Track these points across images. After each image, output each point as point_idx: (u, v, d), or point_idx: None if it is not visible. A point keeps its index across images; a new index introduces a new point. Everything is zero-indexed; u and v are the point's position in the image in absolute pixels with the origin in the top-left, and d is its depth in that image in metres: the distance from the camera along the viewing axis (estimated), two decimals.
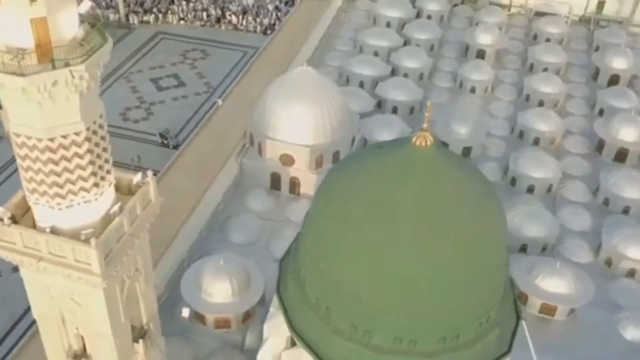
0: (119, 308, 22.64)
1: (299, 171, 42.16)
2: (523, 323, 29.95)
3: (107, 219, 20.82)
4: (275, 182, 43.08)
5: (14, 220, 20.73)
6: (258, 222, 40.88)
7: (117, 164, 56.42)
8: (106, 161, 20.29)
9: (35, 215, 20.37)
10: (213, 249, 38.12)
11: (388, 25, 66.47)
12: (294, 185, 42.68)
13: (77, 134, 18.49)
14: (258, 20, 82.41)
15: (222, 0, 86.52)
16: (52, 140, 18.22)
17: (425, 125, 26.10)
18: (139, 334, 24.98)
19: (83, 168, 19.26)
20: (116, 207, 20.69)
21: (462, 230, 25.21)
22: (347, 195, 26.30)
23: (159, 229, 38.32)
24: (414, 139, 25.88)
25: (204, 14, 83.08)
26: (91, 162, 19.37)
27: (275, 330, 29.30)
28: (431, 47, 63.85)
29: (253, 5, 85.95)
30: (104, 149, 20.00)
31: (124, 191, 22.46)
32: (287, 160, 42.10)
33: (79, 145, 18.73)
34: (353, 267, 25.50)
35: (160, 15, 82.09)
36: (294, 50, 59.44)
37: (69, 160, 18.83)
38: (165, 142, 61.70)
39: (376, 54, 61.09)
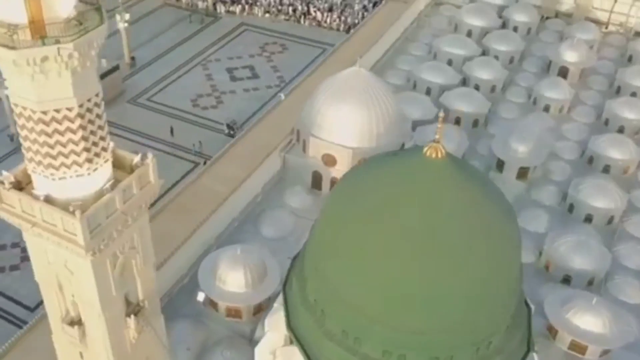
0: (109, 281, 23.84)
1: (340, 172, 42.01)
2: (534, 356, 28.73)
3: (101, 194, 22.00)
4: (316, 181, 43.44)
5: (20, 186, 22.38)
6: (292, 218, 41.41)
7: (178, 148, 59.33)
8: (102, 139, 21.48)
9: (34, 183, 21.89)
10: (242, 239, 39.03)
11: (469, 33, 65.10)
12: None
13: (69, 109, 19.72)
14: (342, 18, 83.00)
15: None
16: (45, 113, 19.55)
17: (437, 137, 25.68)
18: (134, 309, 26.12)
19: (75, 143, 20.50)
20: (108, 184, 21.79)
21: (463, 248, 24.61)
22: (352, 201, 26.32)
23: (195, 212, 40.20)
24: (425, 149, 25.52)
25: (290, 8, 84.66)
26: (84, 138, 20.56)
27: (275, 325, 29.72)
28: (510, 59, 61.92)
29: (340, 3, 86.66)
30: (100, 127, 21.19)
31: (127, 170, 23.62)
32: (329, 161, 42.35)
33: (71, 121, 19.96)
34: (348, 273, 25.51)
35: (246, 7, 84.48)
36: (367, 51, 59.54)
37: (61, 134, 20.11)
38: (231, 132, 63.54)
39: (450, 62, 60.08)
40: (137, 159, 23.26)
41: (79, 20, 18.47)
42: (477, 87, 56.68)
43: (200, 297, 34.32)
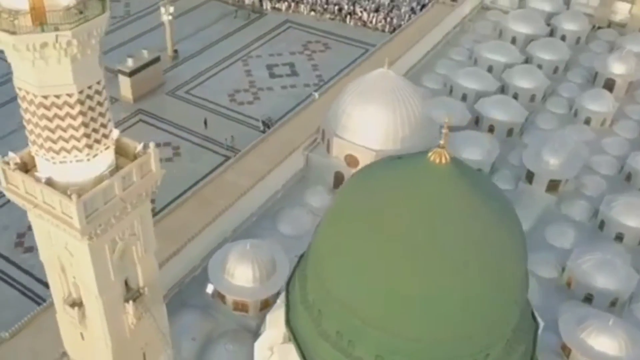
0: (107, 266, 24.56)
1: None
2: None
3: (100, 180, 22.72)
4: (338, 181, 43.51)
5: (26, 167, 23.31)
6: (311, 217, 41.60)
7: (211, 141, 60.08)
8: (102, 126, 22.14)
9: (37, 166, 22.74)
10: (258, 234, 39.54)
11: (513, 40, 63.94)
12: None
13: (69, 95, 20.45)
14: (388, 19, 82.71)
15: None
16: (45, 98, 20.34)
17: (442, 142, 25.50)
18: (133, 295, 26.81)
19: (75, 129, 21.23)
20: (107, 171, 22.46)
21: (462, 256, 24.36)
22: (355, 204, 26.44)
23: (215, 204, 40.78)
24: (429, 154, 25.37)
25: (336, 7, 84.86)
26: (84, 124, 21.27)
27: (275, 322, 30.04)
28: (555, 69, 60.50)
29: (388, 4, 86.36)
30: (101, 114, 21.85)
31: (131, 158, 24.27)
32: (352, 161, 42.38)
33: (71, 107, 20.69)
34: (346, 275, 25.63)
35: (292, 4, 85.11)
36: (404, 53, 59.27)
37: (61, 119, 20.87)
38: (266, 129, 64.14)
39: (490, 68, 59.21)
40: (139, 147, 23.84)
41: (79, 9, 19.13)
42: (515, 96, 55.61)
43: (209, 289, 34.93)
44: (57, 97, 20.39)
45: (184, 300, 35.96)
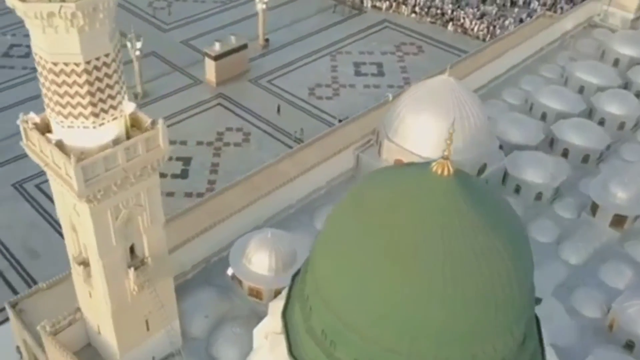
0: (109, 230, 26.41)
1: None
2: None
3: (105, 148, 24.46)
4: None
5: (47, 129, 25.50)
6: None
7: (281, 131, 61.49)
8: (110, 97, 23.83)
9: (52, 127, 24.84)
10: (292, 227, 40.43)
11: (615, 62, 60.65)
12: None
13: (76, 64, 22.26)
14: (491, 28, 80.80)
15: (465, 3, 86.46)
16: (55, 64, 22.31)
17: (446, 152, 25.07)
18: (137, 263, 28.53)
19: (82, 96, 23.07)
20: (110, 141, 24.17)
21: (453, 274, 23.79)
22: (351, 209, 26.54)
23: (262, 190, 41.96)
24: (433, 165, 25.05)
25: (438, 11, 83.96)
26: (90, 93, 23.05)
27: (276, 311, 30.73)
28: None
29: (495, 12, 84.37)
30: (109, 86, 23.54)
31: (143, 132, 25.89)
32: None
33: (78, 75, 22.52)
34: (332, 276, 25.83)
35: (393, 4, 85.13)
36: (489, 62, 58.00)
37: (69, 86, 22.76)
38: None
39: (581, 89, 56.57)
40: (148, 122, 25.37)
41: None
42: (602, 121, 52.83)
43: (230, 271, 36.25)
44: (66, 64, 22.27)
45: (207, 278, 37.57)
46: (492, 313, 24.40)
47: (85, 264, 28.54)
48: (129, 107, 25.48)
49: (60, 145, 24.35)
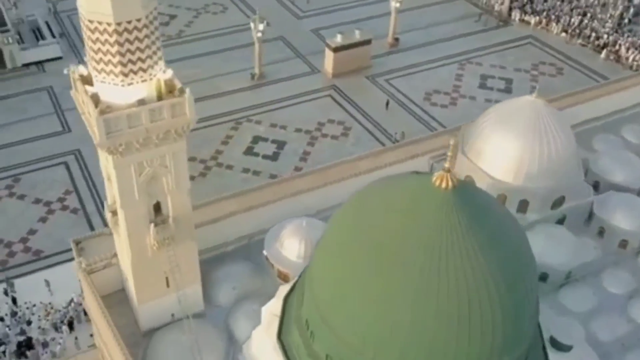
0: (132, 184, 29.07)
1: None
2: None
3: (133, 107, 27.02)
4: None
5: (90, 82, 28.50)
6: None
7: (382, 131, 62.02)
8: (140, 60, 26.26)
9: (92, 81, 27.86)
10: None
11: None
12: None
13: (108, 24, 24.87)
14: None
15: (629, 29, 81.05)
16: (90, 21, 25.07)
17: (447, 165, 24.74)
18: (159, 222, 30.99)
19: (112, 55, 25.71)
20: (135, 100, 26.67)
21: (451, 294, 23.59)
22: (348, 215, 27.32)
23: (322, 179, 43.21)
24: (434, 178, 24.84)
25: (593, 34, 79.38)
26: (119, 53, 25.61)
27: (281, 294, 31.96)
28: None
29: None
30: (139, 49, 25.95)
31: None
32: None
33: (109, 35, 25.15)
34: (320, 272, 26.95)
35: (543, 20, 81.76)
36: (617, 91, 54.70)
37: (102, 43, 25.49)
38: None
39: None
40: (177, 90, 27.57)
41: None
42: None
43: (265, 252, 37.91)
44: (100, 23, 24.95)
45: (247, 254, 39.57)
46: (465, 335, 23.89)
47: (114, 212, 31.56)
48: (166, 73, 27.81)
49: (95, 97, 27.22)
